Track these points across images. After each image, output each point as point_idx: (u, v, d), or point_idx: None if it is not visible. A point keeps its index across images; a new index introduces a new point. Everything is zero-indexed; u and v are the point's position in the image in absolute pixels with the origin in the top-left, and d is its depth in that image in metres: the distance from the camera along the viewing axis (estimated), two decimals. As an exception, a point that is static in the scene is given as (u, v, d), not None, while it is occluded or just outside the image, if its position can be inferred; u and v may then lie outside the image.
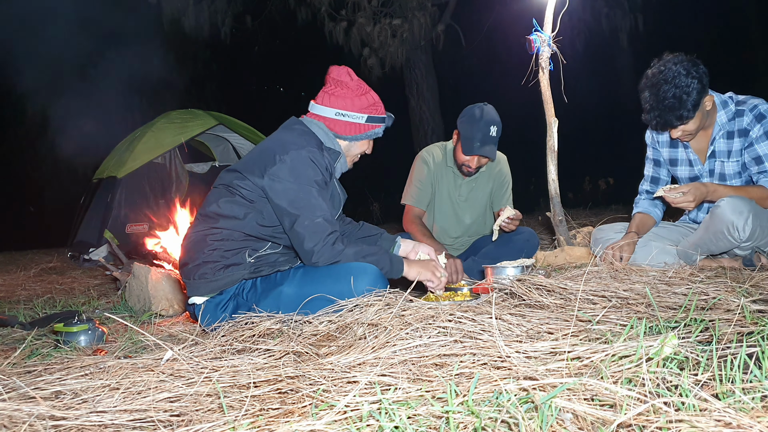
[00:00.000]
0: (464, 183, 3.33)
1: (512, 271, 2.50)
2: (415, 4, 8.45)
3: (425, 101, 9.21)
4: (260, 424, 1.10)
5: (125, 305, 3.09)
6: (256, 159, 2.16)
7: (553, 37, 3.59)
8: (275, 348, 1.58)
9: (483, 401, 1.07)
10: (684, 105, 2.46)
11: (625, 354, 1.21)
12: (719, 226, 2.46)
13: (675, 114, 2.48)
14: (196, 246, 2.13)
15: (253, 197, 2.13)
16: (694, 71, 2.47)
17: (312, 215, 2.07)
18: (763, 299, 1.78)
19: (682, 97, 2.45)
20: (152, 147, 6.31)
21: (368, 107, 2.29)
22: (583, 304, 1.78)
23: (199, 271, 2.11)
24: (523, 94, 4.06)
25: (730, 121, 2.63)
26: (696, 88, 2.46)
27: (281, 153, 2.10)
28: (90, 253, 5.73)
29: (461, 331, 1.50)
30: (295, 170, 2.08)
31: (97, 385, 1.38)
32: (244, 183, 2.13)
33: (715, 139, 2.68)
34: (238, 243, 2.12)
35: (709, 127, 2.68)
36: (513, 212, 2.90)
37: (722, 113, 2.63)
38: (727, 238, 2.47)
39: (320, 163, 2.13)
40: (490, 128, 3.01)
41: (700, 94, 2.48)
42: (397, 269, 2.20)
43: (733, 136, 2.64)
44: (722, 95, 2.66)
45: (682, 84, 2.44)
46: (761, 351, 1.18)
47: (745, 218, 2.39)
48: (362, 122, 2.28)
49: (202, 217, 2.19)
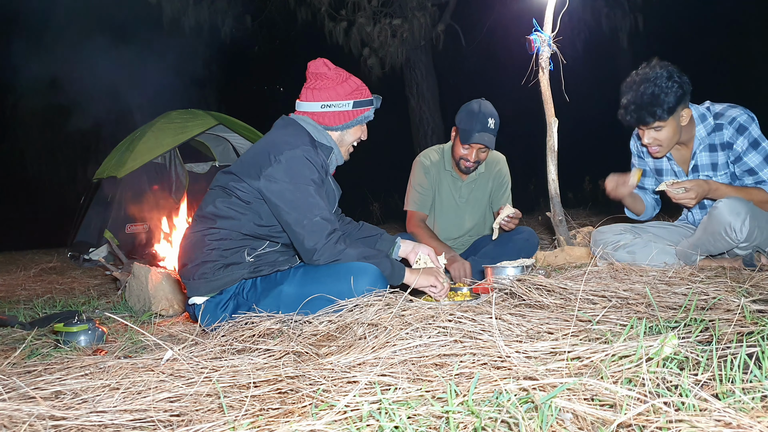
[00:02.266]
0: (464, 185, 3.33)
1: (512, 271, 2.50)
2: (415, 4, 8.44)
3: (425, 101, 9.21)
4: (260, 424, 1.10)
5: (125, 305, 3.09)
6: (251, 161, 2.15)
7: (553, 37, 3.59)
8: (275, 348, 1.58)
9: (483, 401, 1.07)
10: (660, 104, 2.49)
11: (625, 354, 1.21)
12: (717, 227, 2.47)
13: (649, 110, 2.51)
14: (195, 246, 2.13)
15: (250, 198, 2.12)
16: (676, 77, 2.51)
17: (310, 214, 2.06)
18: (763, 299, 1.78)
19: (660, 96, 2.49)
20: (152, 147, 6.30)
21: (352, 92, 2.27)
22: (583, 304, 1.78)
23: (198, 270, 2.11)
24: (523, 94, 4.06)
25: (709, 134, 2.64)
26: (675, 92, 2.49)
27: (276, 153, 2.09)
28: (90, 253, 5.73)
29: (461, 331, 1.50)
30: (290, 170, 2.07)
31: (97, 385, 1.38)
32: (240, 185, 2.12)
33: (695, 153, 2.69)
34: (237, 242, 2.12)
35: (689, 141, 2.69)
36: (512, 211, 2.90)
37: (701, 127, 2.64)
38: (725, 239, 2.47)
39: (315, 161, 2.13)
40: (488, 120, 3.04)
41: (679, 100, 2.51)
42: (398, 275, 2.19)
43: (716, 149, 2.66)
44: (700, 107, 2.66)
45: (663, 85, 2.49)
46: (761, 351, 1.18)
47: (742, 219, 2.40)
48: (349, 109, 2.26)
49: (200, 218, 2.18)
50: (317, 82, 2.27)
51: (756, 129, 2.57)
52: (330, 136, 2.30)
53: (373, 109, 2.35)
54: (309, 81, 2.30)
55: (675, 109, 2.52)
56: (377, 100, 2.35)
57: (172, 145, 6.39)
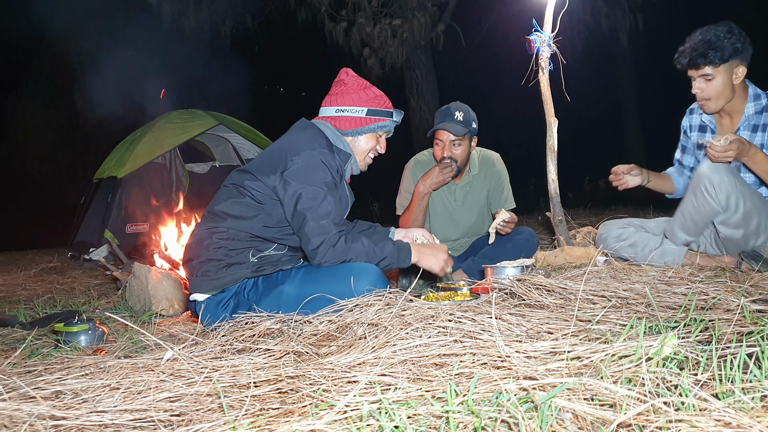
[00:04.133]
0: (458, 188, 3.30)
1: (512, 271, 2.50)
2: (415, 4, 8.44)
3: (425, 101, 9.21)
4: (260, 424, 1.10)
5: (125, 305, 3.09)
6: (268, 160, 2.18)
7: (553, 37, 3.59)
8: (275, 348, 1.58)
9: (483, 401, 1.07)
10: (713, 48, 2.52)
11: (625, 354, 1.21)
12: (697, 182, 2.48)
13: (700, 52, 2.54)
14: (202, 243, 2.15)
15: (264, 199, 2.14)
16: (737, 33, 2.54)
17: (319, 217, 2.08)
18: (763, 299, 1.78)
19: (716, 43, 2.52)
20: (152, 147, 6.31)
21: (368, 101, 2.30)
22: (583, 304, 1.78)
23: (202, 268, 2.12)
24: (523, 94, 4.06)
25: (756, 114, 2.64)
26: (732, 44, 2.52)
27: (293, 155, 2.12)
28: (90, 253, 5.73)
29: (461, 331, 1.50)
30: (305, 172, 2.09)
31: (98, 385, 1.38)
32: (256, 184, 2.14)
33: (739, 129, 2.69)
34: (244, 243, 2.14)
35: (736, 114, 2.69)
36: (508, 215, 2.90)
37: (751, 105, 2.65)
38: (706, 200, 2.47)
39: (331, 164, 2.15)
40: (455, 112, 3.05)
41: (735, 54, 2.53)
42: (405, 255, 2.21)
43: (756, 130, 2.65)
44: (759, 89, 2.67)
45: (721, 36, 2.52)
46: (761, 351, 1.18)
47: (720, 176, 2.42)
48: (362, 115, 2.29)
49: (210, 215, 2.20)
50: (336, 88, 2.34)
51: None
52: (347, 141, 2.32)
53: (392, 122, 2.36)
54: (331, 88, 2.37)
55: (728, 59, 2.54)
56: (398, 114, 2.37)
57: (172, 145, 6.40)
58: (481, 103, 4.41)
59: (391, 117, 2.34)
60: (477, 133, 3.16)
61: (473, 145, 3.19)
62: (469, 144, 3.14)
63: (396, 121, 2.38)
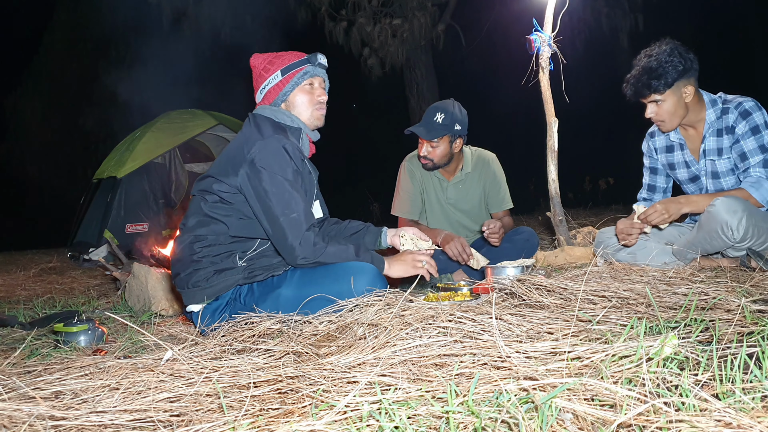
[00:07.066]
0: (450, 185, 3.29)
1: (512, 271, 2.50)
2: (415, 4, 8.45)
3: (425, 101, 9.20)
4: (260, 424, 1.09)
5: (125, 305, 3.09)
6: (227, 161, 2.15)
7: (553, 37, 3.59)
8: (275, 348, 1.58)
9: (483, 401, 1.07)
10: (657, 77, 2.52)
11: (625, 354, 1.21)
12: (713, 225, 2.47)
13: (645, 82, 2.55)
14: (186, 255, 2.12)
15: (232, 199, 2.11)
16: (678, 53, 2.54)
17: (288, 210, 2.05)
18: (763, 299, 1.78)
19: (658, 69, 2.52)
20: (152, 147, 6.31)
21: (279, 65, 2.26)
22: (583, 304, 1.78)
23: (191, 279, 2.10)
24: (523, 94, 4.06)
25: (718, 119, 2.65)
26: (675, 66, 2.52)
27: (248, 148, 2.08)
28: (90, 253, 5.73)
29: (461, 331, 1.49)
30: (264, 162, 2.05)
31: (97, 385, 1.38)
32: (221, 186, 2.11)
33: (705, 137, 2.70)
34: (226, 246, 2.11)
35: (699, 124, 2.70)
36: (492, 225, 2.89)
37: (711, 111, 2.66)
38: (721, 238, 2.47)
39: (288, 147, 2.10)
40: (436, 114, 3.03)
41: (679, 74, 2.53)
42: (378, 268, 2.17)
43: (722, 134, 2.66)
44: (712, 95, 2.68)
45: (663, 60, 2.53)
46: (761, 351, 1.18)
47: (739, 218, 2.40)
48: (280, 78, 2.26)
49: (186, 228, 2.17)
50: (253, 76, 2.32)
51: (761, 117, 2.57)
52: (287, 112, 2.27)
53: (312, 66, 2.28)
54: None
55: (673, 83, 2.54)
56: (314, 56, 2.30)
57: (172, 145, 6.40)
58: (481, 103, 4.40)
59: (307, 63, 2.28)
60: (463, 134, 3.12)
61: (457, 145, 3.13)
62: (449, 144, 3.09)
63: (319, 64, 2.30)
